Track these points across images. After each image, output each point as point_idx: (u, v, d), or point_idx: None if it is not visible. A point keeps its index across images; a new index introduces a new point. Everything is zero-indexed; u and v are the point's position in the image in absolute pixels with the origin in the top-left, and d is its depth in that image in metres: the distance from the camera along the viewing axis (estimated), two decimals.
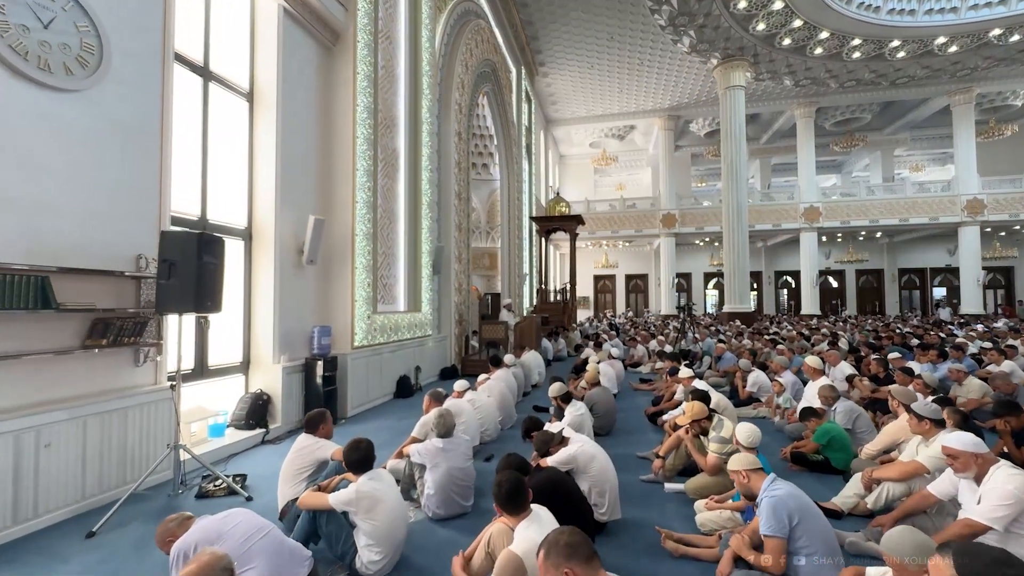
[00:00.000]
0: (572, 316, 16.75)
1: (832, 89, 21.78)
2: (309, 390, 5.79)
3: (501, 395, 5.68)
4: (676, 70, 20.62)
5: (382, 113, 7.63)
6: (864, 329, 12.89)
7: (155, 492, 3.77)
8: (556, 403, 4.43)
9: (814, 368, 5.24)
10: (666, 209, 24.31)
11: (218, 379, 5.19)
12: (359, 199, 6.61)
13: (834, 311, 27.20)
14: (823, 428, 4.18)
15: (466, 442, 3.36)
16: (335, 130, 6.61)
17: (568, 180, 30.49)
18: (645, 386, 8.20)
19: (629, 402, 7.29)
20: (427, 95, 8.95)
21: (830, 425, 4.21)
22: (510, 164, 15.85)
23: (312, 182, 6.33)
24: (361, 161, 6.67)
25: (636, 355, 10.66)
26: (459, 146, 10.57)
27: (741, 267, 18.54)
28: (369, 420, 6.22)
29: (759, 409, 6.13)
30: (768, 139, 27.63)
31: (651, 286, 30.43)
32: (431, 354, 9.06)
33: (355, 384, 6.48)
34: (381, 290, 7.58)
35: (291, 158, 5.89)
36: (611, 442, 5.18)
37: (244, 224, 5.56)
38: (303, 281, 6.09)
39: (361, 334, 6.62)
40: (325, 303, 6.47)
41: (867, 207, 22.55)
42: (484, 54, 12.36)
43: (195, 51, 4.99)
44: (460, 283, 10.51)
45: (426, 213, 8.84)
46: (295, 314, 5.91)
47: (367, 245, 6.78)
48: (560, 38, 18.35)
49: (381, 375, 7.19)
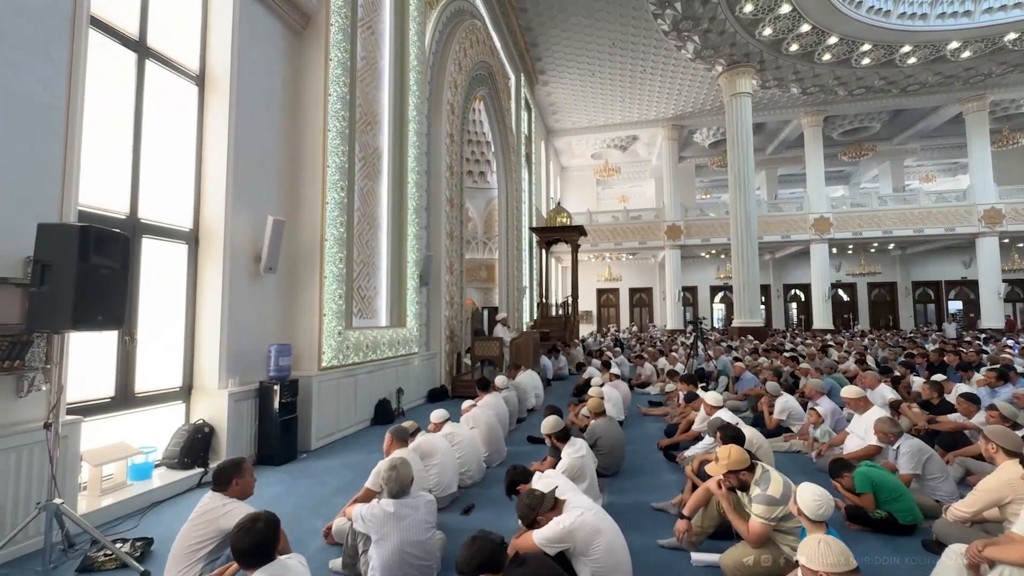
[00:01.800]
0: (574, 331, 15.88)
1: (840, 97, 21.16)
2: (264, 420, 4.94)
3: (488, 426, 4.82)
4: (680, 78, 20.05)
5: (362, 108, 6.91)
6: (892, 345, 11.95)
7: (25, 562, 2.91)
8: (550, 442, 3.58)
9: (856, 399, 4.33)
10: (671, 220, 23.56)
11: (149, 408, 4.35)
12: (330, 199, 5.84)
13: (846, 325, 26.22)
14: (861, 474, 3.30)
15: (427, 504, 2.51)
16: (304, 122, 5.87)
17: (570, 192, 29.86)
18: (655, 411, 7.31)
19: (638, 430, 6.41)
20: (415, 92, 8.25)
21: (870, 469, 3.33)
22: (508, 172, 15.16)
23: (275, 179, 5.57)
24: (333, 157, 5.91)
25: (643, 374, 9.77)
26: (451, 149, 9.85)
27: (751, 280, 17.69)
28: (336, 454, 5.35)
29: (791, 441, 5.22)
30: (774, 149, 27.02)
31: (656, 300, 29.55)
32: (417, 374, 8.20)
33: (322, 411, 5.62)
34: (359, 303, 6.77)
35: (249, 151, 5.14)
36: (619, 485, 4.30)
37: (189, 225, 4.78)
38: (261, 292, 5.29)
39: (331, 353, 5.79)
40: (288, 318, 5.66)
41: (879, 217, 21.75)
42: (479, 56, 11.73)
43: (128, 22, 4.27)
44: (452, 296, 9.70)
45: (412, 219, 8.07)
46: (250, 330, 5.09)
47: (339, 252, 5.98)
48: (560, 44, 17.82)
49: (356, 399, 6.34)
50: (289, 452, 5.02)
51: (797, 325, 28.02)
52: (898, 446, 3.59)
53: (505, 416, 5.63)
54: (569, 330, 15.19)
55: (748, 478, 2.64)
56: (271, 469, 4.77)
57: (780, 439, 5.34)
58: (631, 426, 6.63)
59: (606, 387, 6.26)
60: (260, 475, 4.65)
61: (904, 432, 3.68)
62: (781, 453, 4.88)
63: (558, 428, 3.51)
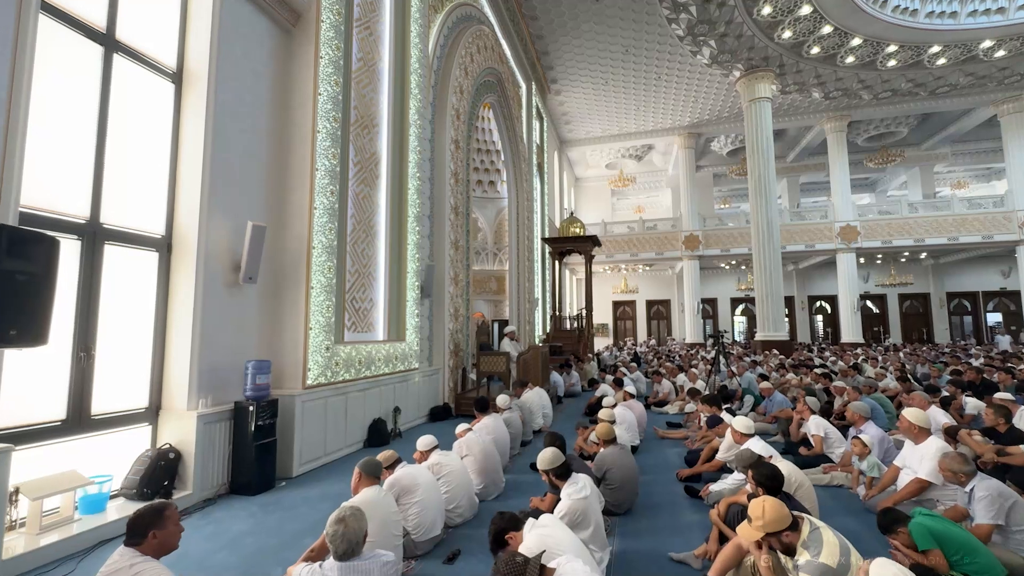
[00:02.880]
0: (588, 345, 15.27)
1: (865, 101, 20.37)
2: (238, 444, 4.49)
3: (484, 453, 4.28)
4: (696, 84, 19.53)
5: (358, 110, 6.57)
6: (935, 360, 11.02)
7: None
8: (548, 480, 3.03)
9: (919, 427, 3.66)
10: (688, 230, 22.85)
11: (108, 432, 3.94)
12: (319, 205, 5.45)
13: (876, 339, 24.98)
14: (920, 525, 2.62)
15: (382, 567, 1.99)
16: (292, 123, 5.52)
17: (585, 203, 29.36)
18: (674, 433, 6.67)
19: (655, 456, 5.79)
20: (416, 96, 7.91)
21: (929, 519, 2.66)
22: (519, 181, 14.75)
23: (260, 184, 5.20)
24: (323, 160, 5.54)
25: (661, 392, 9.12)
26: (456, 155, 9.48)
27: (774, 290, 16.87)
28: (319, 482, 4.87)
29: (832, 474, 4.56)
30: (795, 157, 26.17)
31: (674, 312, 28.66)
32: (418, 391, 7.72)
33: (307, 433, 5.16)
34: (352, 316, 6.35)
35: (229, 154, 4.79)
36: (631, 527, 3.71)
37: (161, 231, 4.42)
38: (240, 304, 4.89)
39: (317, 370, 5.34)
40: (271, 332, 5.24)
41: (910, 225, 20.71)
42: (487, 62, 11.42)
43: (95, 13, 3.96)
44: (457, 308, 9.24)
45: (413, 227, 7.66)
46: (227, 346, 4.68)
47: (328, 261, 5.58)
48: (572, 52, 17.50)
49: (346, 420, 5.87)
50: (265, 480, 4.56)
51: (824, 338, 26.83)
52: (971, 488, 2.95)
53: (505, 441, 5.09)
54: (583, 344, 14.58)
55: (793, 539, 2.06)
56: (243, 500, 4.30)
57: (818, 470, 4.68)
58: (647, 451, 6.02)
59: (619, 408, 5.68)
60: (230, 507, 4.22)
61: (978, 471, 3.03)
62: (821, 487, 4.24)
63: (556, 463, 2.96)
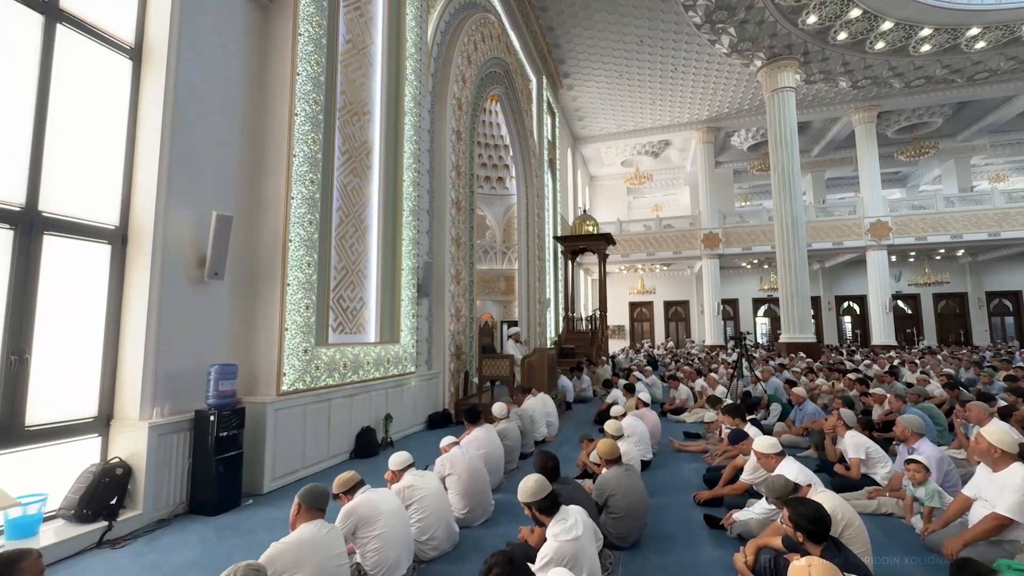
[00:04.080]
0: (602, 347, 14.61)
1: (896, 90, 19.28)
2: (199, 457, 4.04)
3: (471, 472, 3.74)
4: (715, 76, 18.73)
5: (346, 95, 6.12)
6: (982, 364, 10.08)
7: None
8: (531, 515, 2.46)
9: (1002, 450, 2.88)
10: (708, 228, 21.98)
11: (47, 445, 3.52)
12: (296, 194, 4.99)
13: (909, 341, 23.69)
14: None
15: None
16: (267, 106, 5.08)
17: (599, 202, 28.65)
18: (692, 445, 6.03)
19: (670, 472, 5.17)
20: (412, 82, 7.44)
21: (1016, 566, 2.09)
22: (529, 177, 14.21)
23: (230, 171, 4.76)
24: (302, 146, 5.09)
25: (678, 398, 8.45)
26: (458, 147, 8.98)
27: (800, 290, 15.97)
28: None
29: (879, 500, 3.88)
30: (820, 151, 25.08)
31: (693, 313, 27.73)
32: (415, 397, 7.22)
33: (281, 444, 4.69)
34: (339, 315, 5.88)
35: (194, 138, 4.36)
36: (637, 566, 3.09)
37: (114, 222, 4.00)
38: (205, 303, 4.45)
39: (294, 374, 4.88)
40: (241, 333, 4.79)
41: (946, 220, 19.51)
42: (493, 52, 10.92)
43: None
44: (459, 308, 8.73)
45: (409, 221, 7.18)
46: (189, 348, 4.24)
47: (308, 256, 5.11)
48: (584, 45, 16.90)
49: (329, 429, 5.39)
50: (229, 498, 4.09)
51: (852, 341, 25.60)
52: None
53: (499, 456, 4.53)
54: (596, 346, 13.94)
55: None
56: (200, 522, 3.84)
57: (861, 495, 4.01)
58: (661, 465, 5.40)
59: (628, 418, 5.07)
60: (183, 530, 3.73)
61: None
62: (866, 516, 3.57)
63: (539, 496, 2.39)
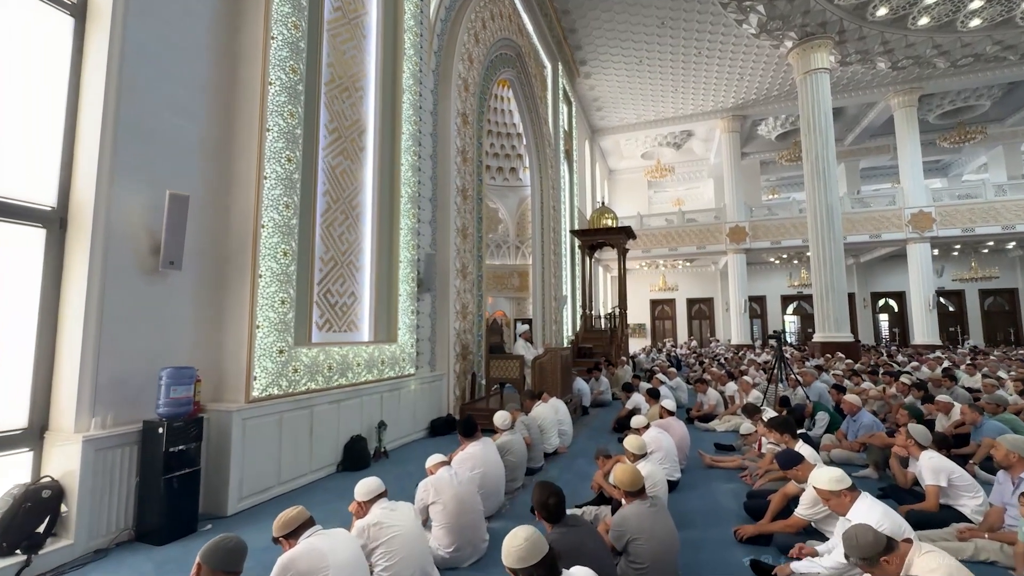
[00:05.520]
0: (622, 347, 13.80)
1: (940, 71, 17.91)
2: (147, 477, 3.47)
3: (459, 501, 3.06)
4: (741, 59, 17.69)
5: (335, 68, 5.52)
6: None
7: None
8: None
9: None
10: (734, 221, 20.89)
11: None
12: (271, 173, 4.40)
13: (953, 340, 22.17)
14: None
15: None
16: (237, 74, 4.50)
17: (619, 196, 27.71)
18: (726, 461, 5.24)
19: (701, 496, 4.41)
20: (411, 57, 6.81)
21: None
22: (543, 168, 13.49)
23: (193, 147, 4.19)
24: (276, 119, 4.49)
25: (707, 403, 7.64)
26: (464, 131, 8.33)
27: (836, 285, 14.87)
28: (262, 522, 3.78)
29: (974, 542, 3.07)
30: (854, 139, 23.69)
31: (717, 311, 26.58)
32: (414, 401, 6.60)
33: (251, 458, 4.11)
34: (326, 312, 5.29)
35: (145, 106, 3.80)
36: None
37: (50, 202, 3.45)
38: (163, 297, 3.88)
39: (267, 378, 4.29)
40: (208, 333, 4.21)
41: (996, 210, 18.07)
42: (503, 31, 10.24)
43: None
44: (465, 304, 8.08)
45: (407, 209, 6.56)
46: (142, 349, 3.68)
47: (284, 244, 4.52)
48: (602, 28, 16.08)
49: (311, 439, 4.80)
50: (182, 523, 3.51)
51: (891, 340, 24.14)
52: None
53: (499, 476, 3.85)
54: (616, 345, 13.14)
55: None
56: (144, 553, 3.26)
57: (948, 533, 3.20)
58: (691, 486, 4.64)
59: (652, 431, 4.33)
60: (121, 564, 3.02)
61: None
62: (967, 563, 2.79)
63: (530, 561, 1.70)
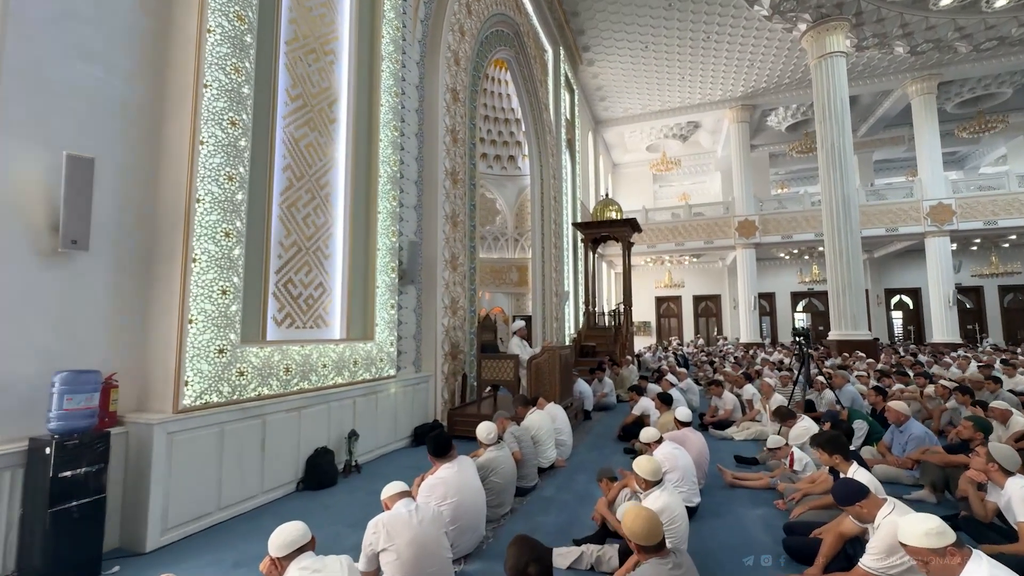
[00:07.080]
0: (627, 345, 13.05)
1: (961, 56, 17.04)
2: (31, 508, 2.76)
3: (419, 547, 2.31)
4: (752, 44, 16.88)
5: (298, 26, 4.80)
6: None
7: None
8: None
9: None
10: (743, 215, 20.07)
11: None
12: (208, 138, 3.68)
13: (971, 338, 21.30)
14: None
15: None
16: (170, 18, 3.77)
17: (623, 190, 26.89)
18: (751, 479, 4.48)
19: (726, 526, 3.67)
20: (392, 20, 6.08)
21: None
22: (543, 156, 12.74)
23: (110, 102, 3.46)
24: (217, 73, 3.77)
25: (722, 408, 6.89)
26: (455, 108, 7.59)
27: (853, 280, 14.07)
28: (193, 557, 3.07)
29: None
30: (868, 130, 22.78)
31: (725, 308, 25.78)
32: (395, 407, 5.88)
33: (180, 480, 3.39)
34: (287, 305, 4.57)
35: (39, 49, 3.08)
36: None
37: None
38: (61, 284, 3.17)
39: (202, 383, 3.57)
40: (130, 328, 3.50)
41: (1020, 202, 17.20)
42: (499, 5, 9.50)
43: None
44: (455, 299, 7.35)
45: (387, 191, 5.84)
46: (30, 348, 2.97)
47: (226, 223, 3.79)
48: (605, 12, 15.31)
49: (263, 455, 4.08)
50: (79, 564, 2.80)
51: (906, 338, 23.28)
52: None
53: (477, 505, 3.10)
54: (620, 344, 12.39)
55: None
56: None
57: None
58: (713, 512, 3.89)
59: (666, 447, 3.59)
60: None
61: None
62: None
63: None
